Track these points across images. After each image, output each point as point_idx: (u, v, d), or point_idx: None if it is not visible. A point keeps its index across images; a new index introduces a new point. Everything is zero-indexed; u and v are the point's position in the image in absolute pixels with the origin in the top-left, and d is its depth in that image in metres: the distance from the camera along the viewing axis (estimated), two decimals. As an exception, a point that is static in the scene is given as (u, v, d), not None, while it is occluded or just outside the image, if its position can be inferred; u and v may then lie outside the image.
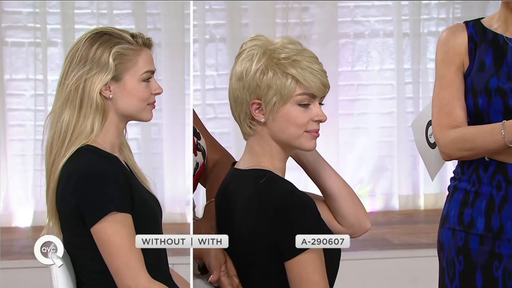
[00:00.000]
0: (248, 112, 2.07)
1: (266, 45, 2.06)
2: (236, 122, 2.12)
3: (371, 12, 5.64)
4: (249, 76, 2.05)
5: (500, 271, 2.31)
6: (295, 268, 2.01)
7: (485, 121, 2.31)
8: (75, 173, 2.12)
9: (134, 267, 2.07)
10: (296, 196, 2.03)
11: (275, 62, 2.03)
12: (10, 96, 5.42)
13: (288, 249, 2.00)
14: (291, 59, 2.03)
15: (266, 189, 2.04)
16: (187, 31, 5.40)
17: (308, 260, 1.99)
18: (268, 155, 2.09)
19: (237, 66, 2.07)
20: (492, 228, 2.32)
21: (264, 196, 2.04)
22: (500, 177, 2.32)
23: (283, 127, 2.05)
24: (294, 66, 2.03)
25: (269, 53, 2.04)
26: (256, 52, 2.05)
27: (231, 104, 2.10)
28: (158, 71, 5.09)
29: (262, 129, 2.08)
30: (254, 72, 2.04)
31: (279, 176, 2.08)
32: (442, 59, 2.37)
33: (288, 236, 1.99)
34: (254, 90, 2.04)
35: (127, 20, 5.48)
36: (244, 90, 2.06)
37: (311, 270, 2.00)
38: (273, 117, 2.05)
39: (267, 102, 2.04)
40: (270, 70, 2.03)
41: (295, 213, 2.00)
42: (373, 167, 5.64)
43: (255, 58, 2.04)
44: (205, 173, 2.46)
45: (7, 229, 5.20)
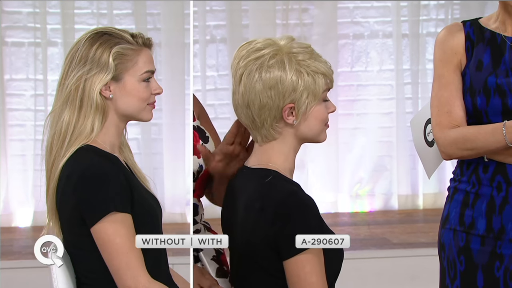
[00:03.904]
0: (278, 116, 2.07)
1: (283, 49, 2.07)
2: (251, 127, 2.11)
3: (370, 13, 5.65)
4: (285, 83, 2.05)
5: (501, 271, 2.31)
6: (293, 268, 2.01)
7: (484, 121, 2.31)
8: (75, 173, 2.11)
9: (134, 267, 2.07)
10: (297, 196, 2.04)
11: (303, 64, 2.06)
12: (10, 96, 5.42)
13: (286, 248, 2.00)
14: (311, 58, 2.07)
15: (270, 188, 2.05)
16: (187, 31, 5.40)
17: (306, 261, 2.00)
18: (283, 156, 2.11)
19: (264, 74, 2.06)
20: (493, 229, 2.32)
21: (266, 195, 2.05)
22: (500, 178, 2.32)
23: (313, 125, 2.10)
24: (318, 65, 2.07)
25: (291, 57, 2.06)
26: (284, 59, 2.06)
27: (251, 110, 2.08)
28: (158, 71, 5.10)
29: (288, 131, 2.10)
30: (290, 78, 2.05)
31: (286, 176, 2.10)
32: (440, 58, 2.37)
33: (286, 236, 2.00)
34: (289, 95, 2.06)
35: (127, 20, 5.48)
36: (278, 96, 2.06)
37: (309, 270, 2.00)
38: (305, 118, 2.08)
39: (301, 104, 2.06)
40: (304, 72, 2.06)
41: (295, 213, 2.01)
42: (372, 167, 5.64)
43: (287, 65, 2.06)
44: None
45: (7, 229, 5.19)
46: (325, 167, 5.49)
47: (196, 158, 2.38)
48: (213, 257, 2.38)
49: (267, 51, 2.07)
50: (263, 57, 2.06)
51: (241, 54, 2.09)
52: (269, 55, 2.06)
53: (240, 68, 2.09)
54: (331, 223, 5.11)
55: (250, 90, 2.07)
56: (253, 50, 2.08)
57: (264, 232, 2.03)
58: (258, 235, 2.04)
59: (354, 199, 5.60)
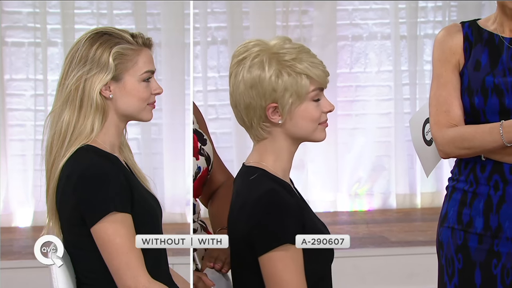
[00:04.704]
0: (263, 116, 2.07)
1: (269, 49, 2.07)
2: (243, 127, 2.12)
3: (369, 15, 5.66)
4: (264, 82, 2.05)
5: (498, 269, 2.32)
6: (265, 265, 2.00)
7: (481, 120, 2.32)
8: (75, 173, 2.11)
9: (134, 267, 2.07)
10: (274, 195, 2.03)
11: (285, 65, 2.05)
12: (10, 96, 5.41)
13: (260, 244, 2.00)
14: (298, 58, 2.05)
15: (250, 186, 2.06)
16: (187, 31, 5.40)
17: (279, 258, 1.99)
18: (274, 155, 2.10)
19: (245, 74, 2.07)
20: (491, 227, 2.33)
21: (246, 193, 2.06)
22: (497, 177, 2.33)
23: (300, 124, 2.08)
24: (305, 65, 2.05)
25: (276, 57, 2.05)
26: (264, 58, 2.06)
27: (239, 110, 2.09)
28: (158, 71, 5.10)
29: (276, 130, 2.09)
30: (269, 77, 2.05)
31: (274, 176, 2.09)
32: (439, 59, 2.38)
33: (259, 232, 2.00)
34: (270, 95, 2.05)
35: (127, 20, 5.47)
36: (259, 96, 2.06)
37: (282, 268, 1.99)
38: (290, 117, 2.07)
39: (284, 104, 2.06)
40: (284, 73, 2.04)
41: (269, 211, 2.00)
42: (371, 166, 5.65)
43: (266, 64, 2.05)
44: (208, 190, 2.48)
45: (7, 229, 5.18)
46: (325, 167, 5.50)
47: (194, 159, 2.40)
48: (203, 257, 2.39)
49: (252, 51, 2.07)
50: (247, 58, 2.07)
51: (233, 55, 2.11)
52: (252, 56, 2.06)
53: (230, 68, 2.11)
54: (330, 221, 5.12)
55: (235, 90, 2.08)
56: (242, 51, 2.09)
57: (242, 229, 2.04)
58: (239, 232, 2.05)
59: (353, 198, 5.61)
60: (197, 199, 2.48)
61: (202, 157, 2.41)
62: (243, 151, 5.29)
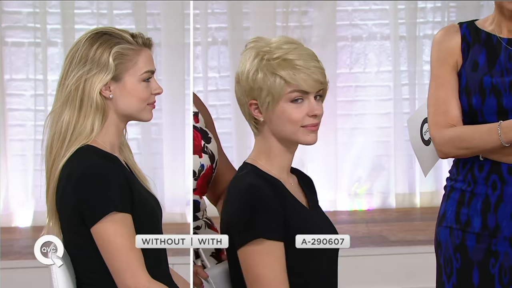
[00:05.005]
0: (250, 112, 2.09)
1: (261, 47, 2.08)
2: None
3: (368, 15, 5.66)
4: (243, 78, 2.08)
5: (496, 268, 2.33)
6: (242, 258, 2.01)
7: (479, 120, 2.32)
8: (75, 173, 2.11)
9: (134, 267, 2.07)
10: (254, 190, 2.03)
11: (265, 64, 2.05)
12: (10, 96, 5.41)
13: (237, 239, 2.00)
14: (281, 59, 2.04)
15: (237, 181, 2.08)
16: (187, 31, 5.40)
17: (254, 252, 1.98)
18: (266, 152, 2.11)
19: (237, 69, 2.11)
20: (488, 226, 2.33)
21: (232, 188, 2.08)
22: (495, 177, 2.33)
23: (280, 125, 2.07)
24: (283, 66, 2.04)
25: (262, 55, 2.06)
26: (250, 55, 2.08)
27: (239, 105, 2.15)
28: (158, 71, 5.10)
29: (264, 127, 2.10)
30: (247, 74, 2.07)
31: (264, 172, 2.09)
32: (437, 59, 2.39)
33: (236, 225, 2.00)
34: (249, 92, 2.07)
35: (127, 20, 5.47)
36: (241, 91, 2.09)
37: (256, 262, 1.98)
38: (270, 116, 2.08)
39: (262, 102, 2.07)
40: (260, 72, 2.05)
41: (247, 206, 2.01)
42: (370, 166, 5.66)
43: (249, 61, 2.07)
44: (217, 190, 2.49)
45: (7, 229, 5.17)
46: (324, 167, 5.50)
47: (197, 157, 2.40)
48: (212, 254, 2.39)
49: (248, 46, 2.10)
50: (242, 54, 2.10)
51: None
52: (245, 52, 2.09)
53: None
54: (329, 221, 5.10)
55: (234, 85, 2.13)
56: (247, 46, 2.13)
57: (226, 222, 2.05)
58: (225, 226, 2.06)
59: (353, 197, 5.62)
60: (203, 197, 2.48)
61: (206, 155, 2.41)
62: (243, 151, 5.29)
